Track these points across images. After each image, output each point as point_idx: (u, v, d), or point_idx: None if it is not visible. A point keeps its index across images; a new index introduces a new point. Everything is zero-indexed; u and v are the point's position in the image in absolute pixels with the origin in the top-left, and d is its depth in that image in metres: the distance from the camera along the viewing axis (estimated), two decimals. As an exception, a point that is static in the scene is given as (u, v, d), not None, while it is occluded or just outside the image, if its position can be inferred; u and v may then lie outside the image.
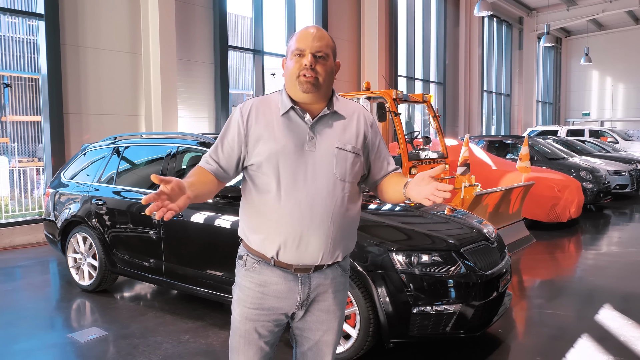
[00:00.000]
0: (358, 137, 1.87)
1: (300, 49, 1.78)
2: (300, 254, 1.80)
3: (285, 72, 1.85)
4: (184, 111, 9.11)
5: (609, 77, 26.36)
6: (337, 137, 1.83)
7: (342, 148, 1.82)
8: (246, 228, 1.90)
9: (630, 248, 7.02)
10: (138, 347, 3.70)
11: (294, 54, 1.79)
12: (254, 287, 1.87)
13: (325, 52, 1.80)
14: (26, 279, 5.73)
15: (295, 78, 1.79)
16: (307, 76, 1.76)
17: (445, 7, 17.37)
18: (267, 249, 1.82)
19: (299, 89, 1.79)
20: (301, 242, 1.79)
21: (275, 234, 1.79)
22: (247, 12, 10.99)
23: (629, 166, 11.62)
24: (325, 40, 1.81)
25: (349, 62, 13.07)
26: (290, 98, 1.83)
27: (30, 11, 7.67)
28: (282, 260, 1.82)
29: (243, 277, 1.90)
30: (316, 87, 1.78)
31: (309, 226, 1.78)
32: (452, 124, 17.85)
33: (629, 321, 4.16)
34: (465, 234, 3.67)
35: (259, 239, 1.84)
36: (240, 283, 1.91)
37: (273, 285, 1.85)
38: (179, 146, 4.52)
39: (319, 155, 1.79)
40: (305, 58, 1.77)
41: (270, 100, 1.87)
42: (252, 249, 1.87)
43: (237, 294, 1.92)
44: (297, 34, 1.83)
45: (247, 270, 1.89)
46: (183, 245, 4.20)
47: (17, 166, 8.13)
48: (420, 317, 3.20)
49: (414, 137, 7.84)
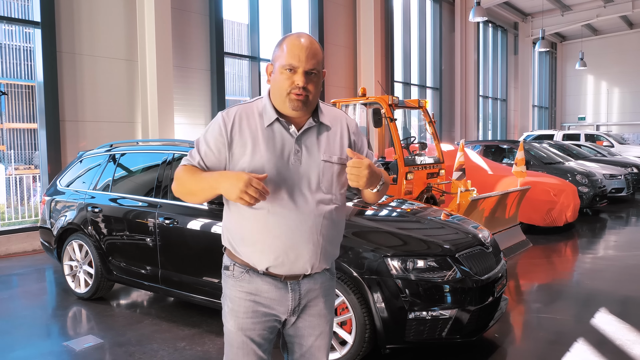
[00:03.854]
0: (343, 147, 1.85)
1: (293, 65, 1.70)
2: (291, 266, 1.80)
3: (273, 84, 1.78)
4: (181, 118, 9.11)
5: (604, 82, 26.49)
6: (323, 149, 1.81)
7: (328, 160, 1.81)
8: (232, 238, 1.86)
9: (626, 252, 7.04)
10: (134, 355, 3.69)
11: (285, 68, 1.72)
12: (244, 296, 1.84)
13: (318, 68, 1.74)
14: (22, 286, 5.71)
15: (285, 95, 1.73)
16: (298, 95, 1.72)
17: (440, 13, 17.45)
18: (257, 262, 1.80)
19: (288, 106, 1.75)
20: (291, 255, 1.78)
21: (266, 248, 1.77)
22: (244, 18, 11.02)
23: (624, 170, 11.66)
24: (318, 55, 1.74)
25: (344, 67, 13.11)
26: (274, 109, 1.78)
27: (26, 19, 7.68)
28: (272, 272, 1.81)
29: (232, 287, 1.86)
30: (306, 105, 1.75)
31: (299, 240, 1.77)
32: (448, 129, 17.90)
33: (626, 325, 4.17)
34: (460, 239, 3.68)
35: (249, 251, 1.81)
36: (230, 294, 1.87)
37: (264, 293, 1.83)
38: (174, 153, 4.53)
39: (304, 169, 1.78)
40: (298, 76, 1.70)
41: (253, 109, 1.80)
42: (239, 259, 1.84)
43: (228, 306, 1.87)
44: (287, 44, 1.74)
45: (236, 280, 1.85)
46: (179, 252, 4.19)
47: (14, 174, 8.11)
48: (416, 323, 3.20)
49: (410, 143, 7.86)
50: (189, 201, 1.87)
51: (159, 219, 4.22)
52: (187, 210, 4.11)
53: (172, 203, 4.25)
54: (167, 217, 4.17)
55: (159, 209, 4.28)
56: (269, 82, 1.82)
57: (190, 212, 4.09)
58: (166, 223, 4.16)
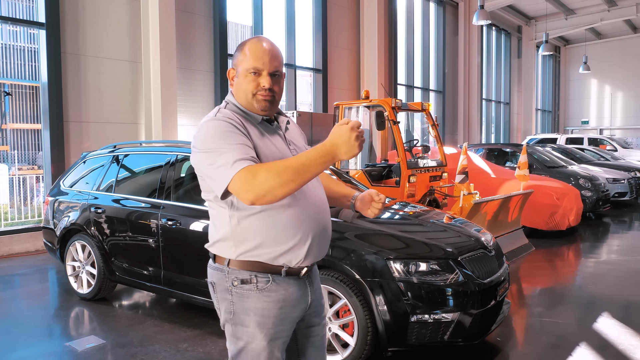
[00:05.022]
0: (302, 137, 2.01)
1: (258, 68, 1.76)
2: (318, 252, 1.86)
3: (238, 87, 1.81)
4: (184, 119, 9.14)
5: (607, 86, 26.45)
6: (302, 141, 1.95)
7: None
8: (255, 246, 1.76)
9: (629, 256, 7.02)
10: (136, 356, 3.69)
11: (249, 72, 1.76)
12: (272, 305, 1.78)
13: (280, 70, 1.81)
14: (25, 287, 5.73)
15: (251, 96, 1.78)
16: (264, 95, 1.77)
17: (444, 16, 17.47)
18: (293, 258, 1.77)
19: (256, 107, 1.79)
20: (320, 242, 1.84)
21: (303, 238, 1.78)
22: (247, 20, 11.05)
23: (627, 174, 11.63)
24: (280, 57, 1.81)
25: (348, 70, 13.13)
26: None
27: (31, 20, 7.71)
28: (298, 266, 1.80)
29: (257, 300, 1.78)
30: (273, 104, 1.81)
31: (324, 225, 1.85)
32: (451, 132, 17.89)
33: (628, 329, 4.16)
34: (463, 242, 3.67)
35: (282, 249, 1.76)
36: (255, 307, 1.78)
37: (290, 295, 1.82)
38: (178, 154, 4.54)
39: None
40: (264, 79, 1.76)
41: (231, 115, 1.76)
42: (262, 265, 1.77)
43: (255, 320, 1.78)
44: (249, 48, 1.77)
45: (261, 291, 1.78)
46: (181, 253, 4.20)
47: (17, 174, 8.13)
48: (418, 326, 3.20)
49: (413, 146, 7.86)
50: (289, 191, 1.58)
51: (162, 220, 4.23)
52: (189, 212, 4.12)
53: (175, 204, 4.26)
54: (170, 219, 4.18)
55: (161, 210, 4.29)
56: (232, 86, 1.86)
57: (193, 213, 4.10)
58: (169, 224, 4.17)
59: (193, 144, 1.75)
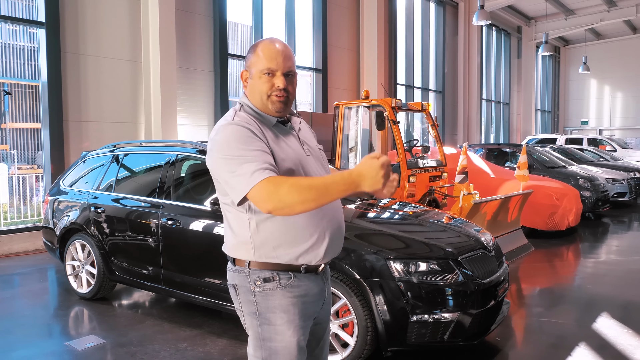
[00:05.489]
0: (314, 136, 2.03)
1: (272, 69, 1.77)
2: (335, 250, 1.88)
3: (252, 89, 1.81)
4: (184, 119, 9.14)
5: (607, 86, 26.47)
6: (314, 141, 1.97)
7: (321, 149, 1.98)
8: (275, 246, 1.77)
9: (628, 256, 7.02)
10: (136, 355, 3.70)
11: (263, 73, 1.78)
12: (296, 300, 1.80)
13: (293, 70, 1.83)
14: (24, 286, 5.72)
15: (266, 98, 1.79)
16: (279, 96, 1.78)
17: (444, 16, 17.47)
18: (313, 257, 1.79)
19: (271, 108, 1.80)
20: (337, 239, 1.87)
21: (321, 237, 1.80)
22: (247, 20, 11.05)
23: (627, 174, 11.64)
24: (292, 58, 1.83)
25: (348, 70, 13.13)
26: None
27: (31, 19, 7.71)
28: (317, 263, 1.82)
29: (282, 297, 1.79)
30: (287, 105, 1.83)
31: (339, 222, 1.88)
32: (451, 132, 17.90)
33: (627, 330, 4.16)
34: (463, 242, 3.68)
35: (300, 251, 1.77)
36: (281, 305, 1.78)
37: (311, 291, 1.85)
38: (178, 154, 4.53)
39: (316, 159, 1.90)
40: (278, 79, 1.77)
41: (247, 117, 1.78)
42: (282, 265, 1.78)
43: (283, 318, 1.78)
44: (262, 49, 1.79)
45: (284, 288, 1.78)
46: (181, 252, 4.20)
47: (17, 173, 8.12)
48: (418, 326, 3.20)
49: (413, 146, 7.86)
50: (307, 209, 1.60)
51: (162, 219, 4.23)
52: (189, 211, 4.13)
53: (174, 204, 4.26)
54: (169, 218, 4.18)
55: (161, 210, 4.29)
56: (246, 88, 1.86)
57: (192, 213, 4.10)
58: (169, 224, 4.17)
59: (210, 147, 1.75)
